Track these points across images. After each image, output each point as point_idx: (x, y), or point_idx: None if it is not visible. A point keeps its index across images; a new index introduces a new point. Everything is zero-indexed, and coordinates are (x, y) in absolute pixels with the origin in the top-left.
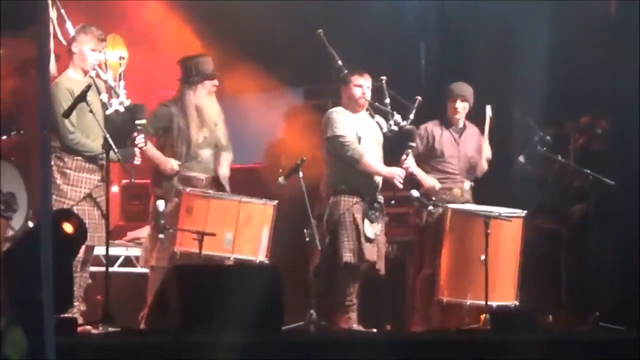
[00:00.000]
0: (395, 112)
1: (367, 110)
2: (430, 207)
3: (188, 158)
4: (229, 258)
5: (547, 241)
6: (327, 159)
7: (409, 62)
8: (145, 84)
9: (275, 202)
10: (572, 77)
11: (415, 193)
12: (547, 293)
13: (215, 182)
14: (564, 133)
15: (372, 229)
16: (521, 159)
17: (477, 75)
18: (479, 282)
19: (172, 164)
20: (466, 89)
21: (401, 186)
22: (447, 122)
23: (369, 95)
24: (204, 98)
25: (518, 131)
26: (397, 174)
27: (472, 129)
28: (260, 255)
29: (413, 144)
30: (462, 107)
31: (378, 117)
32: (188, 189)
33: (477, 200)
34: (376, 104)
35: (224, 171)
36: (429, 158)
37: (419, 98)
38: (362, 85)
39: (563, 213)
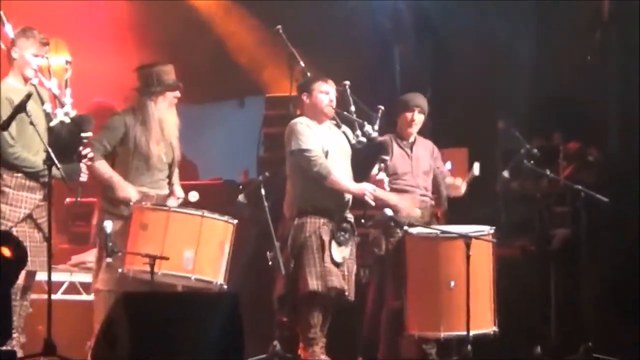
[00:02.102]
0: (365, 122)
1: (332, 119)
2: (407, 228)
3: (140, 173)
4: (190, 278)
5: (534, 263)
6: (291, 175)
7: (382, 68)
8: (88, 93)
9: (235, 222)
10: (561, 84)
11: (388, 212)
12: (534, 320)
13: (165, 200)
14: (553, 145)
15: (340, 253)
16: (505, 173)
17: (457, 82)
18: (451, 312)
19: (131, 194)
20: (423, 101)
21: (373, 203)
22: (398, 136)
23: (334, 104)
24: (165, 110)
25: (502, 143)
26: (368, 190)
27: (423, 142)
28: (220, 278)
29: (386, 157)
30: (419, 120)
31: (345, 128)
32: (142, 203)
33: (449, 220)
34: (345, 112)
35: (179, 190)
36: None
37: (382, 107)
38: (328, 92)
39: (546, 235)
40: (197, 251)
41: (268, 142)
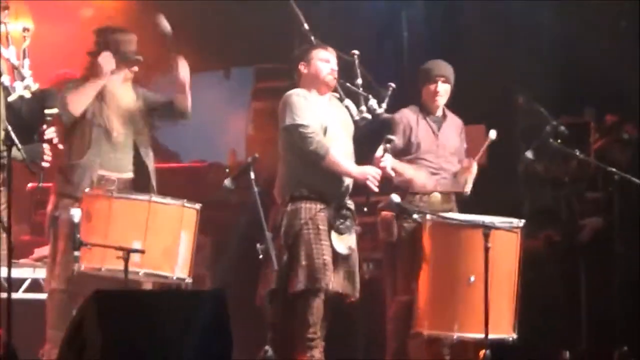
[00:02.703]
0: (370, 96)
1: (334, 92)
2: (416, 216)
3: (101, 151)
4: (138, 273)
5: (561, 257)
6: (284, 154)
7: (388, 36)
8: (52, 64)
9: (198, 206)
10: (591, 55)
11: (395, 198)
12: (562, 322)
13: (130, 186)
14: (583, 123)
15: (343, 243)
16: (529, 154)
17: (472, 52)
18: (468, 311)
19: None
20: (447, 69)
21: (376, 189)
22: (424, 110)
23: (336, 73)
24: (119, 85)
25: (524, 120)
26: (371, 174)
27: (453, 120)
28: (179, 271)
29: (393, 137)
30: (444, 90)
31: (348, 101)
32: (87, 190)
33: (465, 208)
34: (347, 84)
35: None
36: (401, 154)
37: (393, 85)
38: (329, 60)
39: (575, 225)
40: (145, 241)
41: (258, 119)
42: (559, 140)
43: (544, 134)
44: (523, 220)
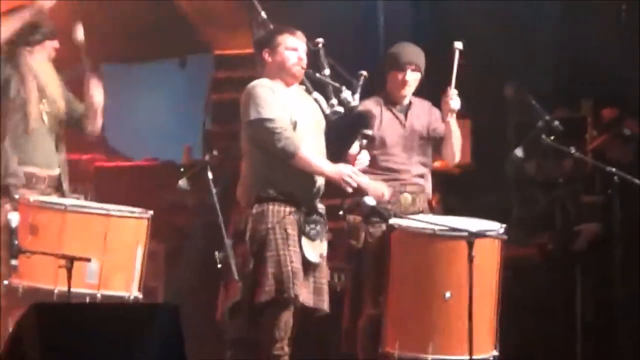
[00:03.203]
0: (344, 87)
1: (301, 84)
2: (393, 221)
3: (24, 142)
4: (96, 295)
5: (555, 267)
6: (248, 152)
7: (364, 24)
8: None
9: (149, 214)
10: (589, 42)
11: (369, 201)
12: (556, 338)
13: (58, 184)
14: (579, 117)
15: (314, 250)
16: (518, 152)
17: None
18: (444, 330)
19: None
20: (419, 55)
21: (350, 189)
22: (389, 100)
23: (305, 62)
24: (44, 64)
25: (514, 114)
26: (346, 173)
27: (419, 104)
28: (135, 290)
29: (369, 132)
30: (413, 79)
31: (316, 94)
32: (30, 198)
33: (447, 211)
34: (317, 74)
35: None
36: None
37: (364, 73)
38: (296, 48)
39: (571, 231)
40: (104, 260)
41: (217, 112)
42: (552, 137)
43: (536, 129)
44: (504, 226)
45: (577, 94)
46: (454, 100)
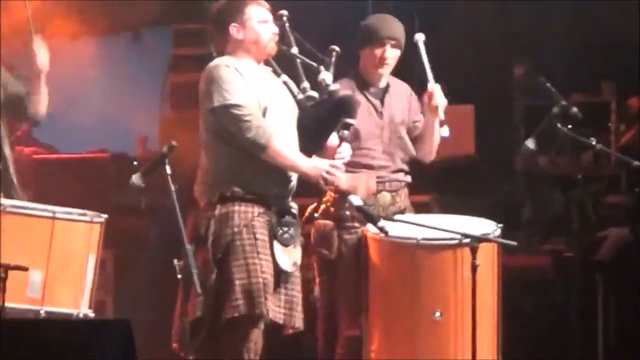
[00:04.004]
0: (322, 67)
1: (266, 64)
2: (382, 225)
3: None
4: (39, 312)
5: (573, 278)
6: (210, 143)
7: None
8: None
9: (102, 219)
10: (611, 15)
11: (355, 200)
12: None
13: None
14: (601, 102)
15: (289, 257)
16: (530, 143)
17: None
18: (433, 354)
19: None
20: (399, 29)
21: (330, 188)
22: (362, 81)
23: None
24: None
25: (525, 99)
26: (324, 169)
27: (398, 87)
28: (84, 306)
29: (351, 121)
30: (392, 57)
31: (284, 77)
32: None
33: (447, 210)
34: (292, 51)
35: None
36: None
37: (337, 49)
38: (267, 21)
39: (592, 237)
40: (48, 271)
41: (176, 96)
42: (569, 126)
43: (550, 116)
44: (500, 226)
45: (597, 76)
46: (437, 96)
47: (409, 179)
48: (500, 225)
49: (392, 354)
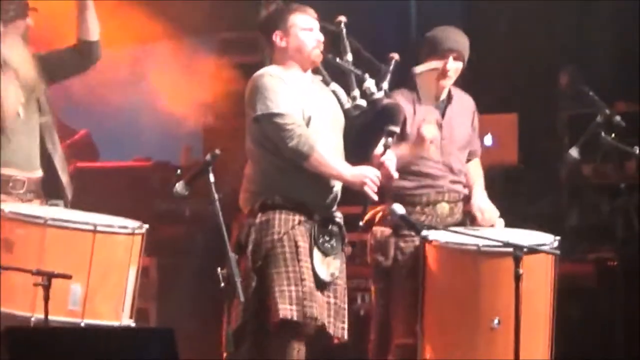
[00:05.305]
0: (367, 75)
1: (316, 72)
2: (425, 233)
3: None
4: (80, 324)
5: (617, 287)
6: (254, 152)
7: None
8: None
9: (144, 229)
10: None
11: (399, 209)
12: None
13: (42, 188)
14: None
15: (327, 267)
16: (573, 152)
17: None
18: (490, 356)
19: None
20: (463, 41)
21: (375, 197)
22: (425, 93)
23: (322, 46)
24: (18, 46)
25: (569, 108)
26: (369, 177)
27: (461, 101)
28: (125, 317)
29: (396, 129)
30: (454, 70)
31: (334, 85)
32: (5, 208)
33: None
34: (338, 60)
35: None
36: None
37: (396, 56)
38: (312, 28)
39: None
40: (89, 283)
41: (220, 106)
42: (613, 135)
43: (594, 125)
44: (557, 238)
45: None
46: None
47: (466, 191)
48: (558, 237)
49: (448, 358)
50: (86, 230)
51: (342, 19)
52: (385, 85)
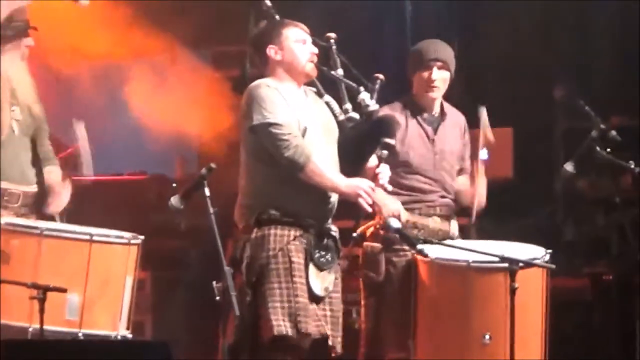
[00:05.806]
0: (362, 88)
1: (309, 84)
2: (421, 247)
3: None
4: (77, 334)
5: (612, 301)
6: (249, 163)
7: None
8: None
9: (139, 240)
10: None
11: (394, 222)
12: None
13: (38, 202)
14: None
15: (322, 282)
16: (569, 167)
17: (498, 34)
18: None
19: None
20: (446, 51)
21: (369, 208)
22: (415, 107)
23: (316, 58)
24: (17, 64)
25: (564, 122)
26: (364, 189)
27: (454, 118)
28: (122, 328)
29: (391, 141)
30: (441, 80)
31: (328, 97)
32: (2, 220)
33: (483, 234)
34: (332, 72)
35: (55, 180)
36: None
37: (381, 77)
38: (305, 41)
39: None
40: (86, 294)
41: (215, 118)
42: (608, 149)
43: (589, 140)
44: (549, 251)
45: (636, 99)
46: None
47: (455, 206)
48: (549, 250)
49: None
50: (82, 240)
51: (332, 35)
52: (373, 101)
